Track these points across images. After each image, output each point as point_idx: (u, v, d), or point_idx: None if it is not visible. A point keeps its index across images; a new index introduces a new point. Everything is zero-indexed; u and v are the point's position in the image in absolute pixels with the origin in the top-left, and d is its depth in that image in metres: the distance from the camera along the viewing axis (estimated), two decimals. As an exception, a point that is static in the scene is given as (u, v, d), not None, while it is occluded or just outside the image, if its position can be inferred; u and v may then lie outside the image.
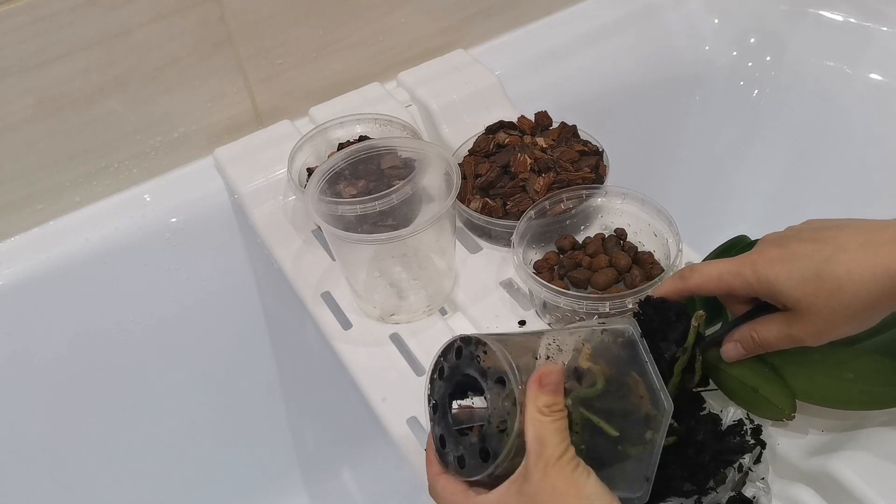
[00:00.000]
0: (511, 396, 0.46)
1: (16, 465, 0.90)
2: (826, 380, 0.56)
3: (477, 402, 0.49)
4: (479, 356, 0.48)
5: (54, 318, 0.86)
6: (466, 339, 0.50)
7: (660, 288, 0.58)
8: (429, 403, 0.52)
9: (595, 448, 0.48)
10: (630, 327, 0.53)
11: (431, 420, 0.51)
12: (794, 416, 0.56)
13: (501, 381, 0.47)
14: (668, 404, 0.47)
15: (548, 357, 0.49)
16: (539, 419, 0.45)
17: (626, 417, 0.49)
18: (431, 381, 0.52)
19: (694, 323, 0.54)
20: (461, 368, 0.49)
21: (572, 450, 0.45)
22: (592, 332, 0.52)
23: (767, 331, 0.54)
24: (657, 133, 1.14)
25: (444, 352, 0.51)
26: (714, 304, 0.61)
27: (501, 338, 0.49)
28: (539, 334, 0.51)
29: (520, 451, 0.46)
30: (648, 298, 0.58)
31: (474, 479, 0.47)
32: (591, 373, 0.49)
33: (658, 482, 0.53)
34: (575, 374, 0.49)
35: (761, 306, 0.55)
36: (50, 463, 0.92)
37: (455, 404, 0.50)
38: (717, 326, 0.62)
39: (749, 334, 0.55)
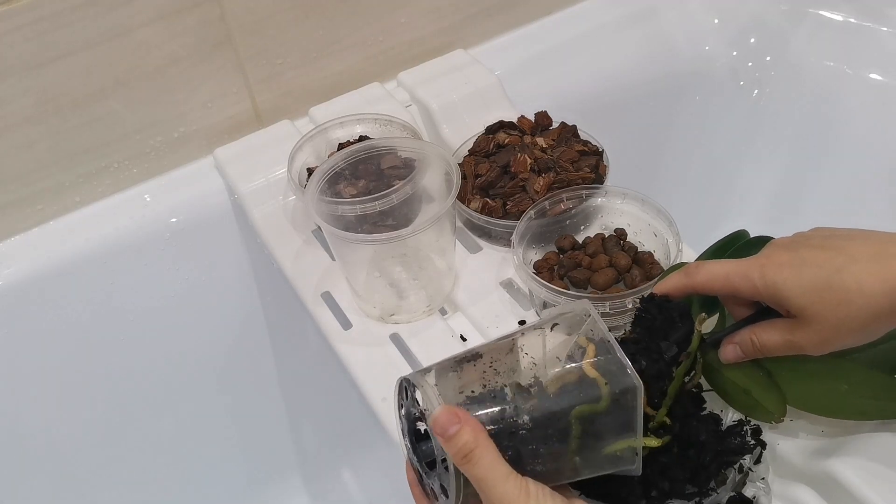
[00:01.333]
0: None
1: (16, 465, 0.90)
2: (820, 389, 0.56)
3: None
4: (416, 397, 0.49)
5: (54, 318, 0.86)
6: (407, 381, 0.50)
7: (663, 283, 0.57)
8: (404, 439, 0.51)
9: (587, 449, 0.48)
10: (582, 312, 0.51)
11: (411, 455, 0.51)
12: (783, 420, 0.56)
13: None
14: (638, 381, 0.47)
15: (484, 386, 0.48)
16: (464, 469, 0.45)
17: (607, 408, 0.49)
18: (399, 418, 0.51)
19: (698, 327, 0.54)
20: (411, 410, 0.50)
21: (514, 482, 0.44)
22: (538, 334, 0.51)
23: (769, 336, 0.53)
24: (657, 133, 1.14)
25: (399, 391, 0.51)
26: (711, 303, 0.60)
27: (442, 370, 0.49)
28: (477, 358, 0.50)
29: None
30: (652, 295, 0.56)
31: None
32: (590, 378, 0.48)
33: (659, 484, 0.53)
34: (518, 389, 0.48)
35: (764, 311, 0.54)
36: (49, 463, 0.92)
37: (419, 430, 0.51)
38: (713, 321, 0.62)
39: (749, 338, 0.54)
